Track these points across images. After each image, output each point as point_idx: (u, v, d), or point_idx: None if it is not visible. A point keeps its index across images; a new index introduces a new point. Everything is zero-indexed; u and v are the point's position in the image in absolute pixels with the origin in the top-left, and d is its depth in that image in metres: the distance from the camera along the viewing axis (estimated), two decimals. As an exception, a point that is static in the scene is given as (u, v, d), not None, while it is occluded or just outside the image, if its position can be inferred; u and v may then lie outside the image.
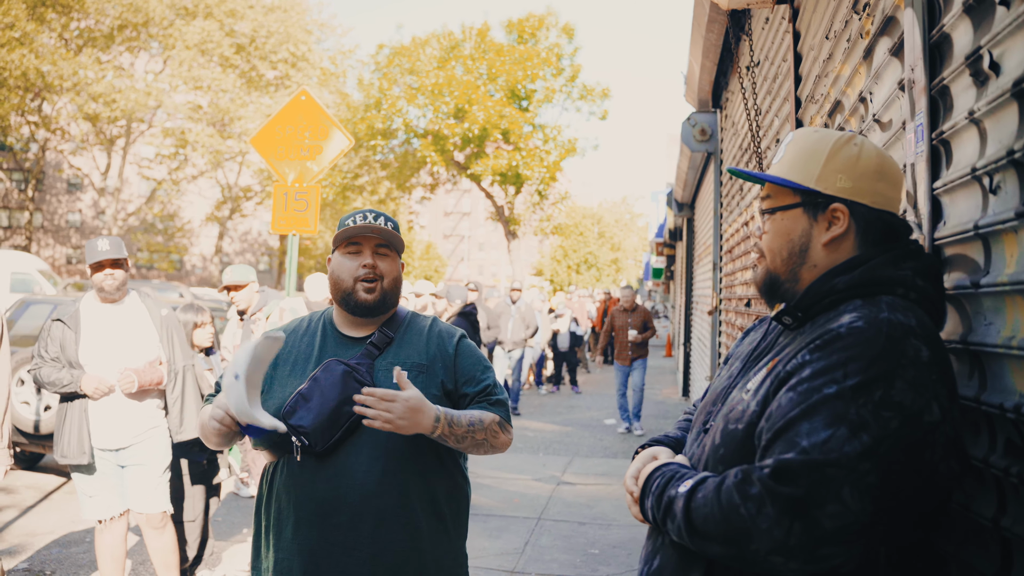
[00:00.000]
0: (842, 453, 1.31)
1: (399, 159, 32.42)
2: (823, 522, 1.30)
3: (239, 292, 5.41)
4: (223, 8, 30.74)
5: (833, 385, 1.36)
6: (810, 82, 3.82)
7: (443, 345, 2.45)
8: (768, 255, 1.66)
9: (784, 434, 1.38)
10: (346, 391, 2.26)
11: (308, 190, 7.00)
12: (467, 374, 2.44)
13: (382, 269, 2.41)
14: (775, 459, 1.35)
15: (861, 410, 1.33)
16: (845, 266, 1.56)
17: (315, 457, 2.27)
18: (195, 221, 44.48)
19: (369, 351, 2.38)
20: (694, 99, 9.04)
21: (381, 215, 2.45)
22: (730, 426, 1.55)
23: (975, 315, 1.77)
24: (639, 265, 59.47)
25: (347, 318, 2.46)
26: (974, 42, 1.75)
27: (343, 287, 2.40)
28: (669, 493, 1.52)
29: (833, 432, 1.32)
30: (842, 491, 1.30)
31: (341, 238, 2.41)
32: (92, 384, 4.12)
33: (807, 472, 1.31)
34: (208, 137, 31.39)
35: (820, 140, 1.63)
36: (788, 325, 1.62)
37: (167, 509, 4.44)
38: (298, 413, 2.27)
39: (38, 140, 34.79)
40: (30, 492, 7.13)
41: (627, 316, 11.67)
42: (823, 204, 1.60)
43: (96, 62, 29.65)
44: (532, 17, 30.33)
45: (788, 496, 1.31)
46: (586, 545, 6.13)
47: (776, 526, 1.32)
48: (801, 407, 1.37)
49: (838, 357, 1.39)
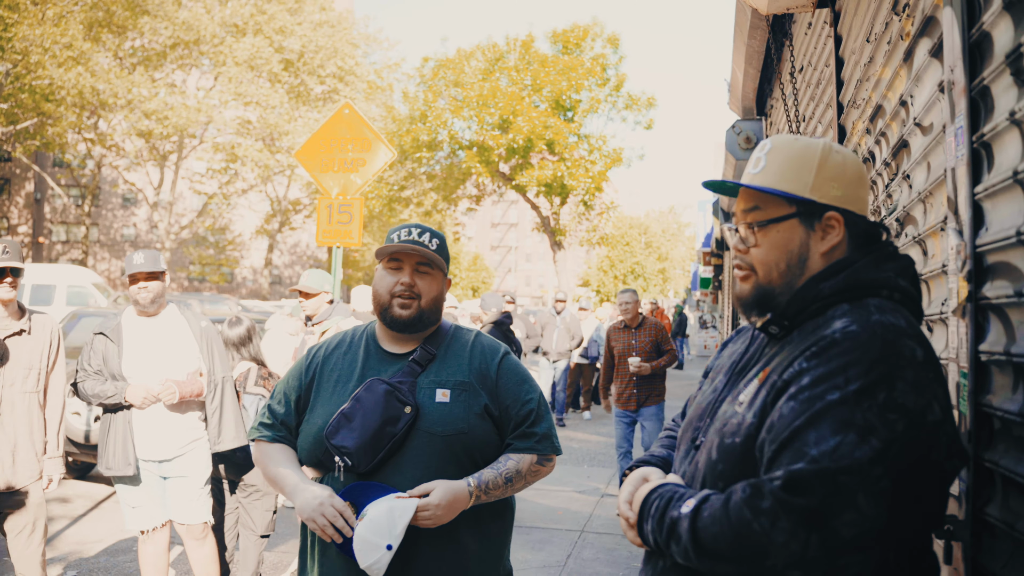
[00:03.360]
0: (853, 459, 1.28)
1: (444, 171, 32.64)
2: (841, 531, 1.27)
3: (309, 300, 5.47)
4: (272, 25, 31.33)
5: (836, 391, 1.34)
6: (852, 87, 3.74)
7: (486, 364, 2.40)
8: (762, 268, 1.60)
9: (791, 444, 1.34)
10: (388, 411, 2.24)
11: (351, 203, 7.06)
12: (510, 397, 2.39)
13: (420, 287, 2.37)
14: (785, 470, 1.32)
15: (867, 414, 1.30)
16: (829, 271, 1.54)
17: (357, 476, 2.26)
18: (245, 234, 45.26)
19: (412, 368, 2.35)
20: (738, 107, 8.93)
21: (427, 231, 2.42)
22: (727, 440, 1.51)
23: (1019, 325, 1.69)
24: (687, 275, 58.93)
25: (388, 333, 2.44)
26: (1015, 40, 1.68)
27: (381, 301, 2.39)
28: (671, 515, 1.47)
29: (842, 439, 1.29)
30: (857, 498, 1.27)
31: (383, 253, 2.39)
32: (140, 394, 4.17)
33: (820, 481, 1.28)
34: (257, 152, 31.96)
35: (806, 148, 1.59)
36: (775, 335, 1.59)
37: (208, 520, 4.48)
38: (340, 433, 2.25)
39: (94, 156, 35.79)
40: (81, 501, 7.27)
41: (630, 336, 7.81)
42: (818, 213, 1.56)
43: (149, 80, 30.40)
44: (577, 28, 30.36)
45: (803, 507, 1.28)
46: (629, 559, 6.05)
47: (793, 539, 1.28)
48: (805, 415, 1.35)
49: (837, 363, 1.36)
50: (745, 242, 1.63)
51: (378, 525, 2.09)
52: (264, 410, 2.54)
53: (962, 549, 1.86)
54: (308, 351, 2.57)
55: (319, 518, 2.17)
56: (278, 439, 2.46)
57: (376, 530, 2.09)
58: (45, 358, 4.06)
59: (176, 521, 4.41)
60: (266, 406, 2.55)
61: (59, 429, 4.11)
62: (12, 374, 3.93)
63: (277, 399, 2.51)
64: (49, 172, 42.25)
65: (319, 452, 2.31)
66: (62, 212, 48.28)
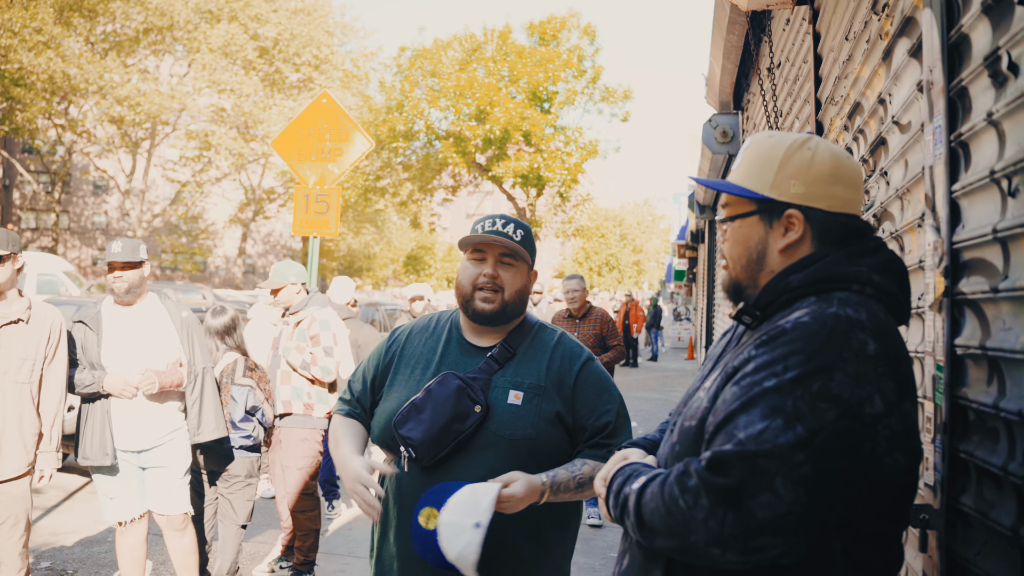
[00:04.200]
0: (775, 444, 1.31)
1: (421, 161, 32.51)
2: (757, 512, 1.30)
3: (278, 294, 5.49)
4: (247, 12, 30.98)
5: (773, 378, 1.37)
6: (830, 84, 3.79)
7: (565, 369, 2.35)
8: (730, 262, 1.67)
9: (724, 427, 1.39)
10: (458, 408, 2.22)
11: (329, 192, 7.04)
12: (587, 407, 2.32)
13: (504, 279, 2.33)
14: (712, 451, 1.37)
15: (798, 402, 1.34)
16: (799, 264, 1.56)
17: (421, 469, 2.25)
18: (219, 223, 44.83)
19: (489, 365, 2.32)
20: (715, 101, 9.00)
21: (511, 222, 2.39)
22: (686, 423, 1.57)
23: (994, 320, 1.74)
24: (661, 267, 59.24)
25: (470, 324, 2.42)
26: (992, 43, 1.73)
27: (463, 293, 2.36)
28: (624, 491, 1.54)
29: (768, 424, 1.33)
30: (774, 481, 1.30)
31: (467, 244, 2.36)
32: (118, 384, 4.15)
33: (740, 463, 1.32)
34: (231, 140, 31.64)
35: (774, 146, 1.61)
36: (748, 324, 1.63)
37: (188, 510, 4.47)
38: (409, 424, 2.24)
39: (64, 143, 35.24)
40: (54, 492, 7.20)
41: (572, 327, 7.25)
42: (778, 211, 1.59)
43: (121, 65, 29.97)
44: (554, 19, 30.31)
45: (721, 487, 1.32)
46: (605, 548, 6.11)
47: (711, 517, 1.33)
48: (741, 400, 1.39)
49: (780, 351, 1.40)
50: (722, 236, 1.71)
51: (462, 506, 2.03)
52: (346, 387, 2.56)
53: (937, 537, 1.91)
54: (392, 331, 2.56)
55: (355, 496, 2.20)
56: (352, 415, 2.49)
57: (461, 511, 2.02)
58: (42, 350, 4.01)
59: (156, 512, 4.39)
60: (348, 383, 2.57)
61: (54, 423, 4.07)
62: (5, 363, 3.89)
63: (357, 377, 2.53)
64: (18, 158, 41.51)
65: (388, 437, 2.31)
66: (31, 199, 47.51)
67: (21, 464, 3.91)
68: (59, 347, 4.10)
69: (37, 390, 4.03)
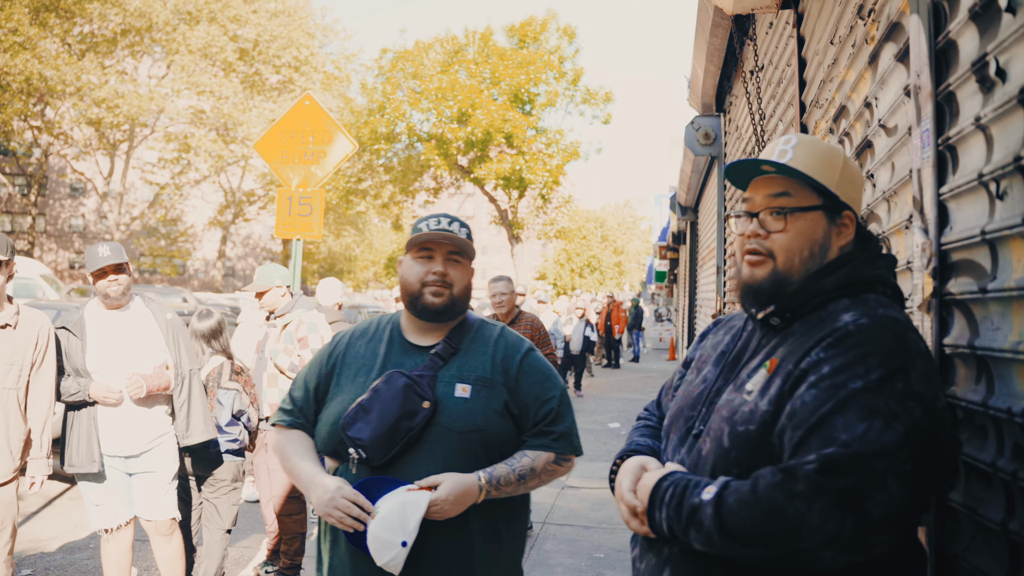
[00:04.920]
0: (883, 443, 1.35)
1: (402, 163, 32.47)
2: (872, 512, 1.33)
3: (263, 297, 5.47)
4: (227, 13, 30.82)
5: (858, 380, 1.40)
6: (814, 87, 3.83)
7: (508, 360, 2.38)
8: (783, 255, 1.62)
9: (819, 430, 1.40)
10: (407, 405, 2.22)
11: (312, 195, 7.02)
12: (531, 395, 2.35)
13: (452, 276, 2.36)
14: (818, 454, 1.37)
15: (889, 401, 1.38)
16: (830, 267, 1.60)
17: (370, 469, 2.24)
18: (198, 225, 44.54)
19: (433, 362, 2.33)
20: (698, 103, 9.05)
21: (455, 220, 2.42)
22: (739, 428, 1.54)
23: (982, 320, 1.77)
24: (642, 268, 59.41)
25: (415, 323, 2.43)
26: (980, 49, 1.76)
27: (411, 290, 2.37)
28: (691, 502, 1.49)
29: (869, 424, 1.36)
30: (887, 480, 1.34)
31: (414, 243, 2.38)
32: (101, 391, 4.11)
33: (855, 464, 1.34)
34: (211, 142, 31.46)
35: (830, 149, 1.67)
36: (775, 326, 1.64)
37: (176, 516, 4.43)
38: (357, 424, 2.23)
39: (41, 145, 34.87)
40: (34, 498, 7.12)
41: None
42: (839, 210, 1.64)
43: (99, 67, 29.72)
44: (534, 21, 30.38)
45: (839, 489, 1.33)
46: (591, 549, 6.12)
47: (829, 520, 1.33)
48: (831, 402, 1.40)
49: (855, 353, 1.43)
50: (765, 227, 1.64)
51: (391, 522, 2.09)
52: (286, 395, 2.52)
53: (927, 533, 1.94)
54: (333, 337, 2.54)
55: (333, 511, 2.16)
56: (296, 425, 2.45)
57: (390, 527, 2.08)
58: (30, 355, 3.98)
59: (143, 518, 4.35)
60: (288, 392, 2.53)
61: (44, 429, 4.03)
62: None
63: (298, 385, 2.49)
64: (-7, 160, 41.10)
65: (335, 442, 2.29)
66: (7, 201, 46.94)
67: (7, 470, 3.87)
68: (47, 353, 4.06)
69: (24, 396, 3.99)
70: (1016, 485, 1.57)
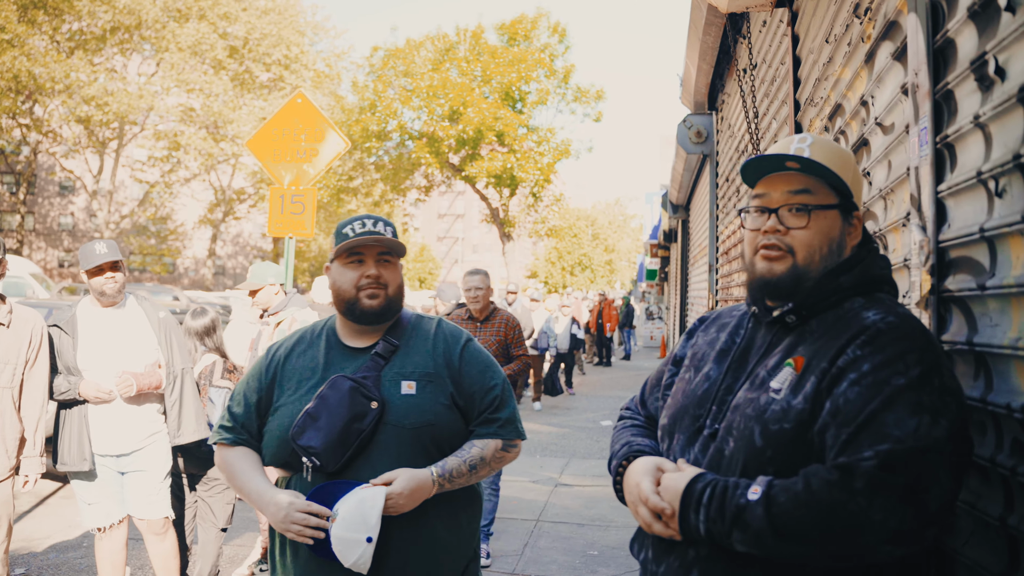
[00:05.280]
0: (934, 438, 1.38)
1: (393, 161, 32.40)
2: (930, 504, 1.36)
3: (256, 295, 5.47)
4: (217, 11, 30.71)
5: (900, 377, 1.44)
6: (809, 85, 3.84)
7: (449, 352, 2.39)
8: (803, 251, 1.63)
9: (869, 426, 1.42)
10: (355, 407, 2.22)
11: (304, 193, 7.01)
12: (475, 384, 2.38)
13: (386, 278, 2.36)
14: (876, 451, 1.39)
15: (931, 397, 1.42)
16: (845, 265, 1.64)
17: (325, 476, 2.23)
18: (188, 224, 44.40)
19: (375, 362, 2.33)
20: (690, 101, 9.06)
21: (380, 220, 2.40)
22: (772, 427, 1.53)
23: (980, 317, 1.79)
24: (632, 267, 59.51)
25: (351, 327, 2.41)
26: (979, 48, 1.77)
27: (346, 296, 2.35)
28: (736, 503, 1.47)
29: (919, 419, 1.39)
30: (940, 473, 1.37)
31: (343, 249, 2.35)
32: (91, 390, 4.10)
33: (913, 459, 1.37)
34: (200, 140, 31.34)
35: (845, 151, 1.72)
36: (790, 323, 1.65)
37: (169, 515, 4.42)
38: (307, 433, 2.21)
39: (30, 143, 34.71)
40: (26, 497, 7.09)
41: (474, 331, 6.08)
42: (851, 210, 1.67)
43: (88, 64, 29.58)
44: (524, 19, 30.37)
45: (900, 485, 1.36)
46: (585, 547, 6.13)
47: (891, 515, 1.36)
48: (878, 399, 1.43)
49: (892, 350, 1.47)
50: (785, 223, 1.64)
51: (352, 521, 2.09)
52: (224, 412, 2.49)
53: (924, 529, 1.96)
54: (267, 350, 2.51)
55: (291, 526, 2.15)
56: (239, 442, 2.41)
57: (352, 526, 2.09)
58: (23, 354, 3.96)
59: (136, 517, 4.34)
60: (226, 407, 2.49)
61: (37, 427, 4.02)
62: None
63: (237, 400, 2.45)
64: (-19, 158, 40.87)
65: (285, 453, 2.27)
66: (-5, 200, 46.73)
67: (3, 468, 3.87)
68: (40, 351, 4.05)
69: (18, 394, 3.98)
70: (1015, 480, 1.58)
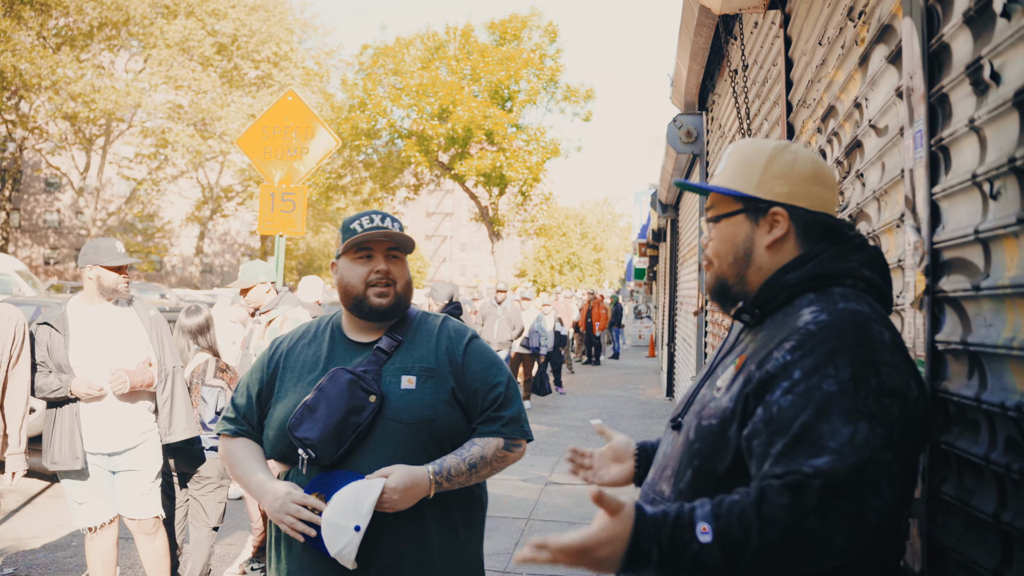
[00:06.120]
0: (872, 448, 1.35)
1: (383, 159, 32.38)
2: (871, 517, 1.34)
3: (248, 294, 5.48)
4: (205, 7, 30.59)
5: (831, 382, 1.40)
6: (802, 87, 3.87)
7: (452, 348, 2.37)
8: (716, 260, 1.73)
9: (805, 438, 1.38)
10: (353, 400, 2.20)
11: (295, 191, 7.00)
12: (478, 381, 2.35)
13: (395, 274, 2.35)
14: (816, 468, 1.33)
15: (867, 402, 1.38)
16: (795, 262, 1.64)
17: (321, 469, 2.22)
18: (175, 221, 44.21)
19: (377, 356, 2.31)
20: (680, 101, 9.09)
21: (387, 216, 2.37)
22: (704, 423, 1.58)
23: (975, 317, 1.81)
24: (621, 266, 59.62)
25: (357, 323, 2.40)
26: (974, 52, 1.79)
27: (355, 292, 2.33)
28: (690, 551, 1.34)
29: (855, 428, 1.36)
30: (880, 485, 1.34)
31: (352, 244, 2.33)
32: (82, 388, 4.09)
33: (853, 474, 1.33)
34: (188, 137, 31.21)
35: (758, 150, 1.71)
36: (747, 322, 1.69)
37: (160, 514, 4.42)
38: (304, 425, 2.21)
39: (15, 139, 34.46)
40: (13, 496, 7.06)
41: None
42: (764, 209, 1.68)
43: (75, 60, 29.41)
44: (515, 18, 30.40)
45: (845, 505, 1.33)
46: (576, 545, 6.16)
47: (838, 533, 1.33)
48: (809, 408, 1.39)
49: (821, 352, 1.44)
50: (708, 236, 1.76)
51: (344, 507, 2.07)
52: (229, 404, 2.49)
53: (918, 525, 1.98)
54: (272, 342, 2.51)
55: (285, 517, 2.14)
56: (241, 433, 2.42)
57: (342, 512, 2.07)
58: (7, 351, 3.96)
59: (127, 516, 4.33)
60: (230, 399, 2.50)
61: (21, 424, 4.02)
62: None
63: (240, 392, 2.46)
64: (-34, 154, 40.54)
65: (283, 445, 2.27)
66: (-21, 196, 46.36)
67: None
68: (23, 348, 4.04)
69: (2, 392, 3.97)
70: (1008, 477, 1.60)
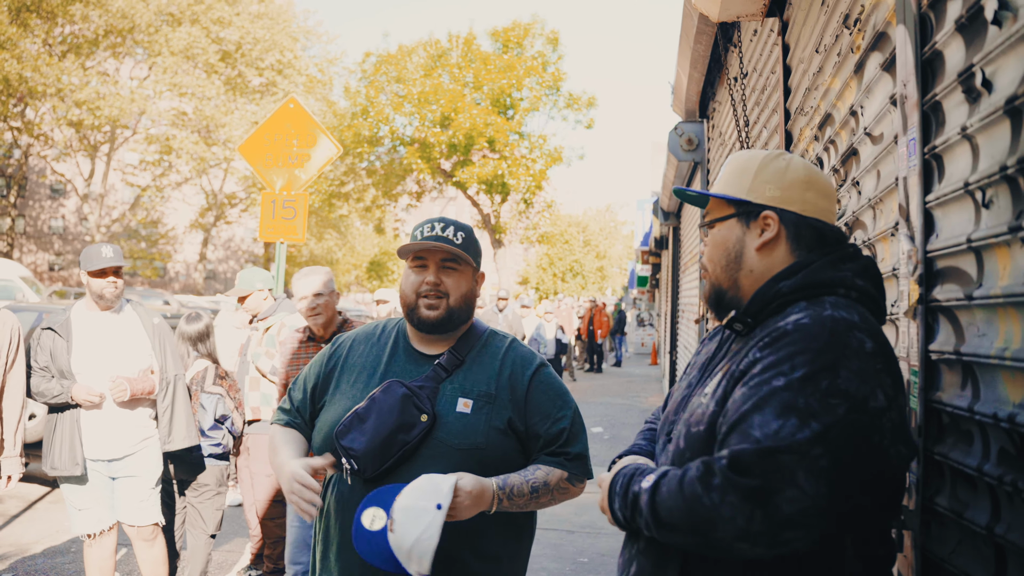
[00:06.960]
0: (793, 440, 1.37)
1: (385, 167, 32.43)
2: (783, 507, 1.36)
3: (246, 301, 5.49)
4: (210, 15, 30.72)
5: (781, 377, 1.44)
6: (799, 94, 3.86)
7: (516, 377, 2.27)
8: (710, 267, 1.77)
9: (739, 426, 1.44)
10: (404, 417, 2.13)
11: (296, 198, 7.00)
12: (540, 413, 2.25)
13: (447, 286, 2.26)
14: (730, 450, 1.42)
15: (809, 399, 1.40)
16: (788, 271, 1.65)
17: (363, 482, 2.15)
18: (179, 228, 44.29)
19: (436, 373, 2.23)
20: (681, 109, 9.09)
21: (451, 224, 2.29)
22: (692, 429, 1.61)
23: (968, 326, 1.80)
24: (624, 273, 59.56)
25: (416, 333, 2.34)
26: (967, 60, 1.79)
27: (408, 301, 2.28)
28: (633, 489, 1.58)
29: (784, 422, 1.39)
30: (797, 476, 1.36)
31: (407, 251, 2.27)
32: (83, 394, 4.09)
33: (762, 460, 1.37)
34: (192, 144, 31.31)
35: (751, 158, 1.75)
36: (739, 331, 1.69)
37: (159, 521, 4.41)
38: (351, 434, 2.14)
39: (21, 146, 34.63)
40: (13, 502, 7.06)
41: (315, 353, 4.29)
42: (755, 212, 1.70)
43: (80, 68, 29.52)
44: (518, 26, 30.46)
45: (747, 484, 1.37)
46: (575, 554, 6.13)
47: (739, 514, 1.37)
48: (752, 400, 1.44)
49: (785, 351, 1.47)
50: (703, 243, 1.79)
51: (422, 490, 1.95)
52: (287, 396, 2.47)
53: (912, 537, 1.97)
54: (335, 339, 2.47)
55: (291, 496, 2.09)
56: (292, 425, 2.39)
57: (420, 495, 1.94)
58: (3, 356, 3.96)
59: (126, 523, 4.32)
60: (288, 391, 2.48)
61: (17, 428, 4.02)
62: None
63: (298, 386, 2.43)
64: (-29, 161, 40.71)
65: (329, 449, 2.21)
66: (-16, 203, 46.52)
67: None
68: (19, 352, 4.05)
69: (0, 396, 3.97)
70: (1002, 489, 1.59)
